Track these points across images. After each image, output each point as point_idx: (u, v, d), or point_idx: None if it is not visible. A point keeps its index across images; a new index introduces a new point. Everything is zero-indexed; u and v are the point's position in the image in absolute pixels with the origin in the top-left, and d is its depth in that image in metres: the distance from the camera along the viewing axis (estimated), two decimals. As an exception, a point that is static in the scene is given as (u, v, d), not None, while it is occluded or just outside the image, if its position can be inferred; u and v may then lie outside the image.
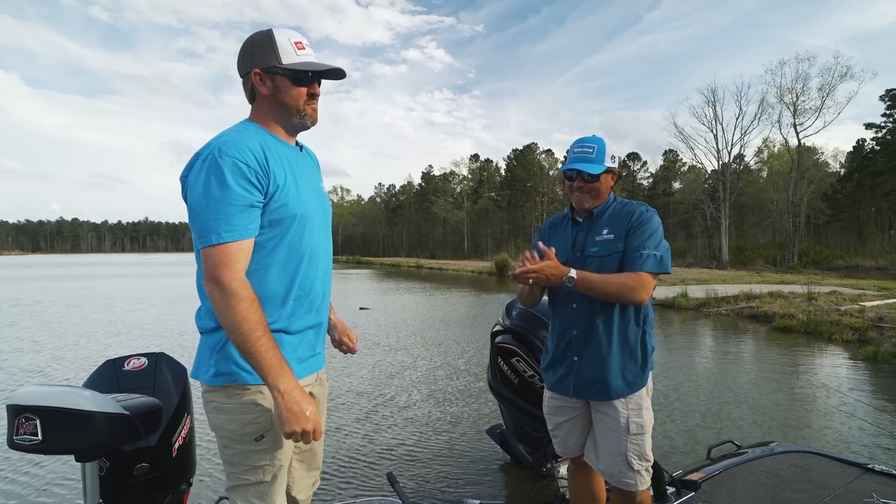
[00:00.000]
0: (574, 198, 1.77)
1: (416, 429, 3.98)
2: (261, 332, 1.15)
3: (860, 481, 2.01)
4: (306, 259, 1.33)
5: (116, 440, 1.49)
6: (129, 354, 2.21)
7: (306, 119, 1.34)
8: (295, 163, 1.34)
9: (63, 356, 6.75)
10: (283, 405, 1.15)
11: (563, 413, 1.83)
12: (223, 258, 1.15)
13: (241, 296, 1.14)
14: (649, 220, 1.67)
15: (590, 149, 1.71)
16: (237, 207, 1.16)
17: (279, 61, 1.26)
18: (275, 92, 1.29)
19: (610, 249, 1.67)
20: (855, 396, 4.91)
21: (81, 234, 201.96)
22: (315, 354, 1.42)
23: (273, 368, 1.15)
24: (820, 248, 31.51)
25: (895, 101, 33.31)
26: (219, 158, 1.16)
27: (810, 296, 11.54)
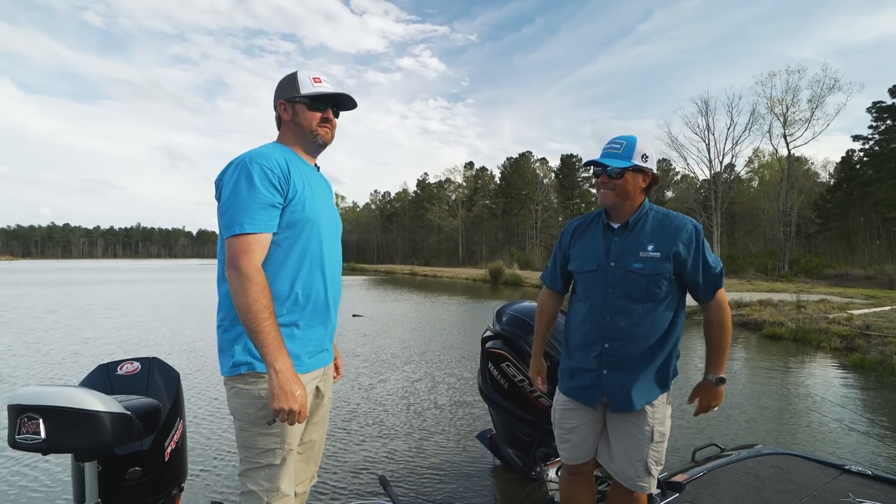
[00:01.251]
0: (599, 196, 1.70)
1: (408, 433, 4.00)
2: (266, 314, 1.30)
3: (838, 482, 2.06)
4: (318, 262, 1.50)
5: (119, 440, 1.52)
6: (122, 359, 2.22)
7: (318, 138, 1.56)
8: (312, 178, 1.55)
9: (51, 361, 6.71)
10: (276, 382, 1.28)
11: (579, 417, 1.76)
12: (243, 247, 1.32)
13: (255, 280, 1.31)
14: (703, 237, 1.63)
15: (618, 145, 1.65)
16: (260, 205, 1.35)
17: (298, 92, 1.52)
18: (294, 116, 1.54)
19: (656, 269, 1.58)
20: (838, 402, 4.99)
21: (73, 239, 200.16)
22: (323, 351, 1.57)
23: (272, 348, 1.29)
24: (810, 257, 31.85)
25: (882, 114, 33.88)
26: (248, 164, 1.38)
27: (799, 304, 11.68)
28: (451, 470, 3.31)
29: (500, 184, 67.89)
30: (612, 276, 1.63)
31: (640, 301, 1.60)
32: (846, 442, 3.92)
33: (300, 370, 1.44)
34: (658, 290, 1.60)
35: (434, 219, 70.34)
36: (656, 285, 1.59)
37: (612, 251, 1.66)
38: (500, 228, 68.46)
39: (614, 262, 1.64)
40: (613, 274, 1.63)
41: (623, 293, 1.61)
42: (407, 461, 3.46)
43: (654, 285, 1.59)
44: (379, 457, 3.54)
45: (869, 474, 2.12)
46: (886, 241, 34.73)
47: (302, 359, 1.47)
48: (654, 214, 1.69)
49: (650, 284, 1.59)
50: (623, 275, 1.61)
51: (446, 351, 7.70)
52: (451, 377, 5.97)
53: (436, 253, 73.05)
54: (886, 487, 2.01)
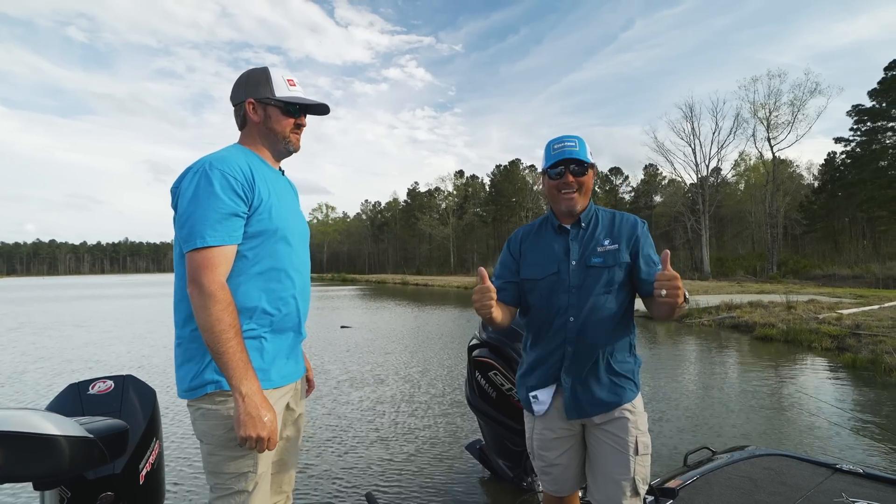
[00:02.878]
0: (562, 199, 1.62)
1: (395, 447, 3.90)
2: (231, 334, 1.21)
3: (830, 481, 2.05)
4: (286, 272, 1.41)
5: (79, 466, 1.42)
6: (94, 378, 2.13)
7: (290, 145, 1.49)
8: (277, 184, 1.45)
9: (22, 380, 6.52)
10: (242, 408, 1.20)
11: (559, 445, 1.65)
12: (206, 261, 1.23)
13: (218, 298, 1.21)
14: (647, 229, 1.66)
15: (572, 142, 1.61)
16: (222, 215, 1.25)
17: (272, 94, 1.43)
18: (265, 120, 1.45)
19: (616, 260, 1.58)
20: (831, 402, 4.98)
21: (59, 255, 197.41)
22: (293, 365, 1.48)
23: (238, 370, 1.21)
24: (798, 258, 32.26)
25: (862, 116, 34.57)
26: (209, 170, 1.27)
27: (789, 305, 11.76)
28: (441, 483, 3.22)
29: (491, 191, 68.20)
30: (574, 275, 1.60)
31: (602, 297, 1.58)
32: (838, 441, 3.90)
33: (269, 386, 1.35)
34: (616, 283, 1.59)
35: (425, 227, 70.33)
36: (615, 278, 1.59)
37: (571, 251, 1.63)
38: (491, 236, 68.60)
39: (575, 260, 1.61)
40: (575, 273, 1.60)
41: (585, 291, 1.58)
42: (395, 475, 3.37)
43: (613, 278, 1.59)
44: (366, 471, 3.44)
45: (861, 473, 2.10)
46: (871, 240, 35.30)
47: (270, 375, 1.37)
48: (601, 213, 1.70)
49: (611, 278, 1.58)
50: (584, 271, 1.59)
51: (434, 361, 7.62)
52: (439, 387, 5.88)
53: (427, 262, 72.96)
54: (879, 485, 2.00)
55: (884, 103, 32.61)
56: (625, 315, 1.61)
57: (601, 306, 1.57)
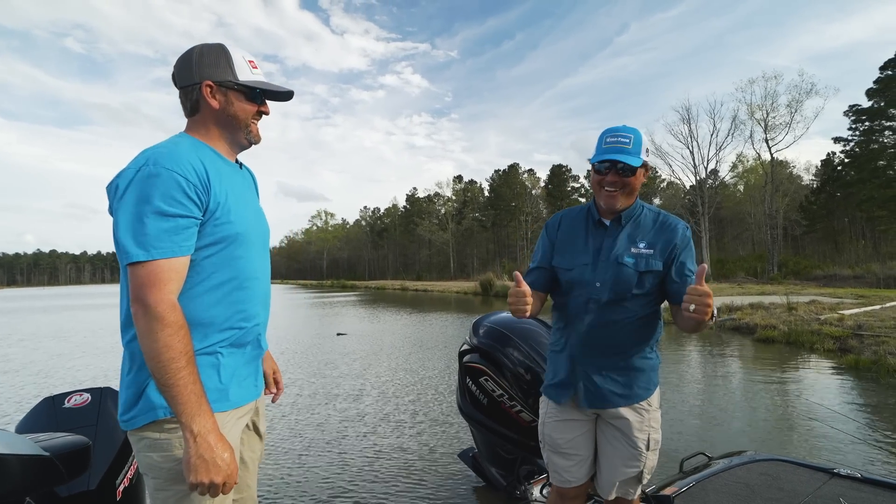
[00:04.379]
0: (604, 195, 1.57)
1: (388, 456, 3.83)
2: (182, 362, 1.05)
3: (828, 486, 2.02)
4: (245, 281, 1.25)
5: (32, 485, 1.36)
6: (70, 391, 2.08)
7: (251, 136, 1.32)
8: (234, 180, 1.28)
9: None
10: (192, 449, 1.04)
11: (571, 430, 1.66)
12: (152, 277, 1.05)
13: (167, 321, 1.04)
14: (691, 238, 1.61)
15: (626, 139, 1.53)
16: (171, 223, 1.08)
17: (234, 77, 1.25)
18: (226, 106, 1.26)
19: (648, 266, 1.54)
20: (833, 405, 4.90)
21: (60, 265, 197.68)
22: (253, 382, 1.33)
23: (189, 406, 1.04)
24: (798, 259, 32.22)
25: (859, 116, 34.63)
26: (153, 169, 1.08)
27: (790, 306, 11.68)
28: (433, 492, 3.14)
29: (490, 196, 68.27)
30: (601, 271, 1.58)
31: (627, 297, 1.56)
32: (838, 446, 3.83)
33: (227, 407, 1.21)
34: (645, 287, 1.56)
35: (424, 233, 70.34)
36: (644, 281, 1.56)
37: (604, 247, 1.60)
38: (490, 241, 68.60)
39: (605, 257, 1.59)
40: (603, 268, 1.58)
41: (610, 288, 1.56)
42: (387, 484, 3.29)
43: (642, 281, 1.56)
44: (357, 480, 3.36)
45: (859, 477, 2.07)
46: (871, 240, 35.25)
47: (229, 395, 1.22)
48: (646, 212, 1.65)
49: (639, 280, 1.55)
50: (614, 269, 1.56)
51: (430, 367, 7.54)
52: (433, 394, 5.80)
53: (427, 267, 72.93)
54: (877, 490, 1.97)
55: (881, 102, 32.69)
56: (649, 315, 1.60)
57: (625, 305, 1.56)
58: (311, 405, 5.38)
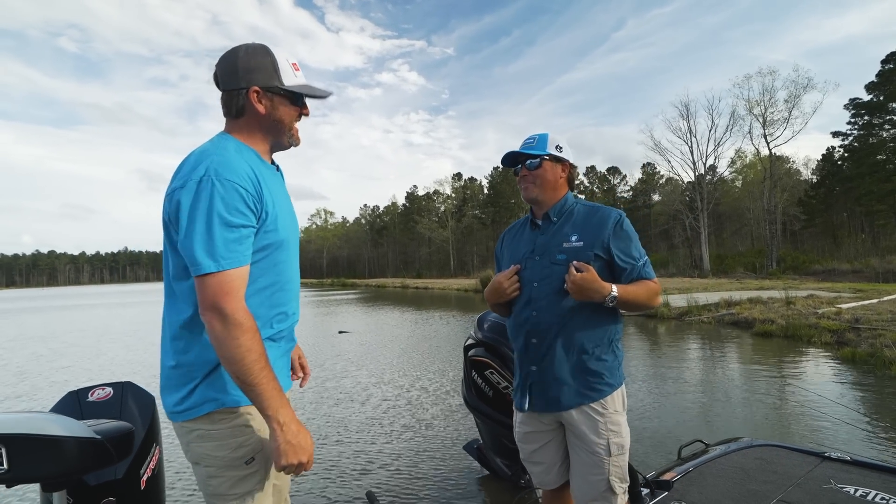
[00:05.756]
0: (522, 191, 1.70)
1: (395, 447, 3.93)
2: (263, 363, 1.12)
3: (819, 469, 2.10)
4: (286, 283, 1.32)
5: (87, 466, 1.44)
6: (93, 385, 2.15)
7: (293, 139, 1.35)
8: (276, 185, 1.32)
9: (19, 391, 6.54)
10: (281, 437, 1.13)
11: (535, 439, 1.68)
12: (225, 287, 1.10)
13: (245, 326, 1.11)
14: (629, 225, 1.61)
15: (531, 139, 1.70)
16: (236, 234, 1.13)
17: (280, 82, 1.26)
18: (272, 111, 1.28)
19: (579, 258, 1.55)
20: (826, 395, 4.99)
21: (58, 266, 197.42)
22: (286, 374, 1.42)
23: (274, 400, 1.13)
24: (797, 254, 32.29)
25: (859, 110, 34.66)
26: (217, 182, 1.12)
27: (788, 300, 11.77)
28: (439, 482, 3.24)
29: (489, 193, 68.30)
30: (536, 269, 1.61)
31: (566, 294, 1.55)
32: (832, 432, 3.95)
33: None
34: None
35: (424, 231, 70.42)
36: None
37: (537, 246, 1.65)
38: (490, 238, 68.61)
39: (539, 255, 1.63)
40: (538, 267, 1.61)
41: (548, 286, 1.58)
42: (394, 475, 3.38)
43: None
44: (365, 471, 3.46)
45: (848, 460, 2.17)
46: (870, 234, 35.33)
47: None
48: (578, 207, 1.68)
49: None
50: (547, 267, 1.60)
51: (432, 362, 7.64)
52: (436, 388, 5.90)
53: (427, 265, 73.03)
54: (865, 471, 2.06)
55: (881, 97, 32.70)
56: (597, 311, 1.56)
57: (566, 303, 1.55)
58: (316, 400, 5.47)
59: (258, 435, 1.24)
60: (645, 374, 6.34)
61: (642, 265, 1.60)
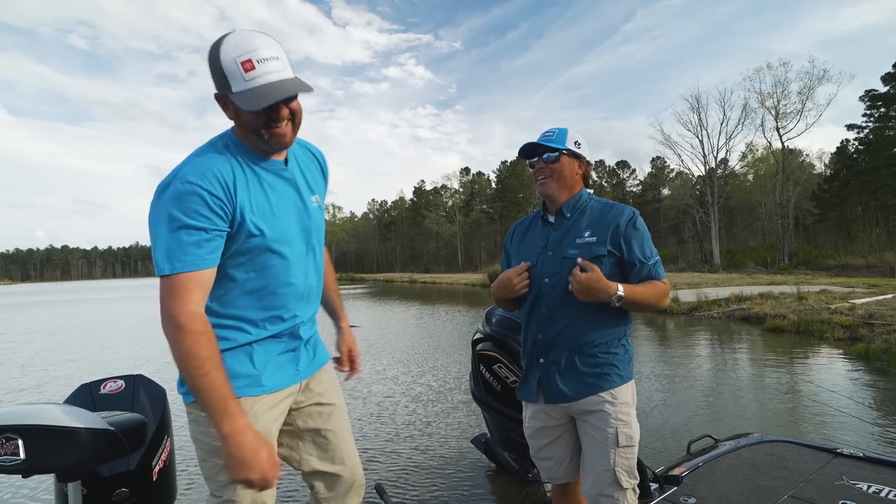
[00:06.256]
0: (538, 186, 1.68)
1: (403, 441, 3.95)
2: (207, 368, 1.09)
3: (831, 465, 2.08)
4: (278, 287, 1.29)
5: (101, 457, 1.46)
6: (105, 377, 2.18)
7: (272, 143, 1.22)
8: (272, 181, 1.27)
9: (32, 383, 6.65)
10: (223, 450, 1.10)
11: (545, 434, 1.68)
12: (174, 289, 1.11)
13: (187, 329, 1.09)
14: (642, 224, 1.60)
15: (551, 133, 1.66)
16: (195, 237, 1.12)
17: (229, 88, 1.14)
18: (236, 117, 1.21)
19: (591, 253, 1.55)
20: (838, 391, 4.93)
21: (72, 260, 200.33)
22: (293, 369, 1.39)
23: (216, 410, 1.09)
24: (810, 249, 31.85)
25: (875, 102, 33.99)
26: (180, 186, 1.12)
27: (800, 296, 11.62)
28: (448, 476, 3.25)
29: (497, 188, 68.07)
30: (548, 265, 1.61)
31: None
32: (844, 428, 3.91)
33: (260, 392, 1.28)
34: None
35: (432, 225, 70.41)
36: None
37: (549, 242, 1.64)
38: (498, 232, 68.48)
39: (551, 251, 1.62)
40: (550, 262, 1.61)
41: (559, 282, 1.58)
42: (403, 469, 3.40)
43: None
44: (374, 465, 3.48)
45: (861, 456, 2.14)
46: (885, 229, 34.75)
47: (262, 380, 1.29)
48: (592, 203, 1.67)
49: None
50: (559, 262, 1.59)
51: (440, 356, 7.65)
52: (445, 382, 5.91)
53: (435, 259, 73.09)
54: (878, 468, 2.04)
55: (898, 88, 32.01)
56: (607, 307, 1.54)
57: (577, 301, 1.54)
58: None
59: None
60: (654, 369, 6.30)
61: (653, 264, 1.59)
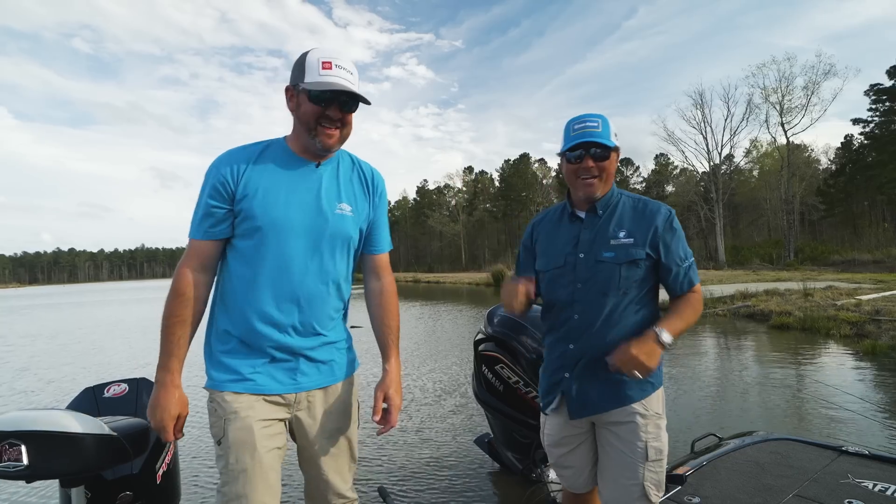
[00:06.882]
0: (580, 185, 1.48)
1: (406, 442, 3.94)
2: (170, 323, 1.25)
3: (836, 463, 2.06)
4: (274, 276, 1.29)
5: (104, 462, 1.47)
6: (108, 381, 2.19)
7: (317, 140, 1.30)
8: (293, 176, 1.33)
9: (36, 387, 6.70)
10: (152, 395, 1.26)
11: (567, 443, 1.58)
12: (185, 252, 1.32)
13: (177, 290, 1.26)
14: (678, 224, 1.48)
15: (594, 123, 1.45)
16: (203, 211, 1.29)
17: (303, 79, 1.27)
18: (296, 108, 1.32)
19: (629, 256, 1.42)
20: (844, 388, 4.89)
21: (78, 263, 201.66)
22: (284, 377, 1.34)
23: (160, 359, 1.25)
24: (816, 245, 31.63)
25: (880, 96, 33.71)
26: (208, 169, 1.32)
27: (806, 292, 11.55)
28: (451, 477, 3.24)
29: (500, 186, 67.99)
30: (580, 269, 1.47)
31: (612, 294, 1.44)
32: (850, 425, 3.88)
33: (249, 390, 1.29)
34: (631, 281, 1.44)
35: (435, 225, 70.43)
36: (629, 275, 1.44)
37: (581, 242, 1.49)
38: (501, 231, 68.44)
39: (583, 253, 1.48)
40: (583, 267, 1.47)
41: (593, 287, 1.45)
42: (406, 470, 3.40)
43: (626, 275, 1.43)
44: (377, 467, 3.48)
45: (866, 454, 2.12)
46: (893, 224, 34.44)
47: (244, 375, 1.30)
48: (624, 199, 1.53)
49: (623, 274, 1.43)
50: (593, 266, 1.46)
51: (443, 356, 7.65)
52: (448, 382, 5.91)
53: (439, 259, 73.09)
54: (884, 466, 2.02)
55: (903, 82, 31.75)
56: (641, 312, 1.46)
57: (611, 304, 1.44)
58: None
59: (221, 421, 1.29)
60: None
61: (688, 267, 1.48)
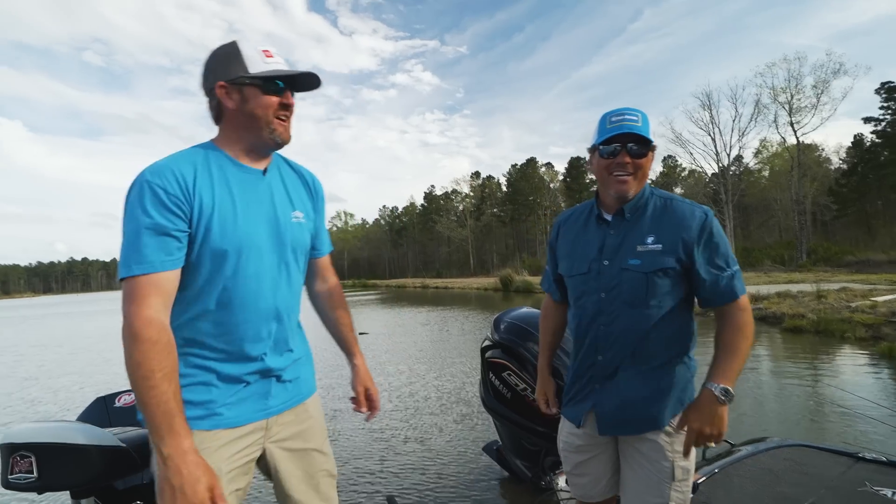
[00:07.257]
0: (613, 182, 1.35)
1: (414, 450, 3.93)
2: (156, 380, 0.98)
3: (853, 471, 2.00)
4: (246, 298, 1.17)
5: (114, 473, 1.48)
6: (119, 391, 2.21)
7: (276, 134, 1.19)
8: (244, 187, 1.19)
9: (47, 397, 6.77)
10: (161, 473, 0.98)
11: (584, 451, 1.51)
12: (130, 293, 1.02)
13: (142, 337, 0.99)
14: (718, 228, 1.33)
15: (634, 116, 1.33)
16: (150, 237, 1.04)
17: (245, 70, 1.15)
18: (242, 104, 1.16)
19: (657, 265, 1.31)
20: (860, 393, 4.79)
21: (91, 272, 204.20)
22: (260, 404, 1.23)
23: (160, 427, 0.97)
24: (828, 245, 31.18)
25: (891, 94, 33.30)
26: (139, 184, 1.07)
27: (820, 294, 11.38)
28: (460, 485, 3.23)
29: (508, 191, 67.96)
30: (605, 277, 1.37)
31: (640, 305, 1.34)
32: (866, 431, 3.80)
33: (218, 426, 1.14)
34: (660, 291, 1.33)
35: (443, 230, 70.51)
36: (658, 284, 1.32)
37: (605, 247, 1.39)
38: (509, 236, 68.34)
39: (608, 260, 1.38)
40: (607, 275, 1.37)
41: (618, 296, 1.36)
42: (414, 479, 3.39)
43: (655, 285, 1.32)
44: (386, 475, 3.48)
45: (884, 461, 2.05)
46: (907, 223, 33.91)
47: (218, 410, 1.15)
48: (655, 200, 1.39)
49: (650, 284, 1.32)
50: (617, 275, 1.36)
51: (451, 363, 7.62)
52: (455, 389, 5.89)
53: (447, 264, 73.13)
54: None
55: (915, 80, 31.31)
56: (673, 322, 1.37)
57: (640, 315, 1.34)
58: (334, 398, 5.52)
59: None
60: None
61: (730, 276, 1.32)
